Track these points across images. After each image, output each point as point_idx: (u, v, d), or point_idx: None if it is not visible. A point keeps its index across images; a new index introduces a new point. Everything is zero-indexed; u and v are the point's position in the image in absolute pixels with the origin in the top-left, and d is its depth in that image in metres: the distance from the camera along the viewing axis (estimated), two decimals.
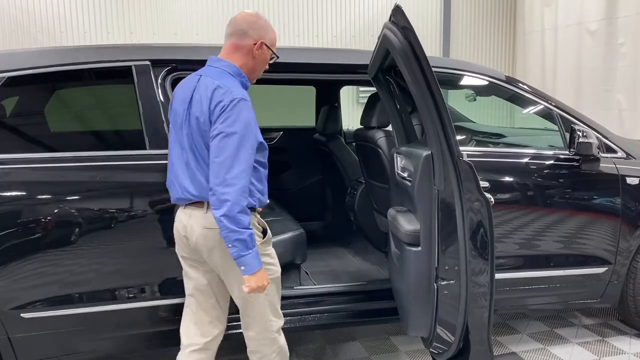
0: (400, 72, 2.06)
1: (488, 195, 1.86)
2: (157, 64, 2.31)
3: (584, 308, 3.24)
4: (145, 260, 2.19)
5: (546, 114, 2.81)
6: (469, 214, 1.88)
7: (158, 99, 2.26)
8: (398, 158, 2.31)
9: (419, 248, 2.08)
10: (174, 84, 2.35)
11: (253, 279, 1.71)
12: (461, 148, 1.92)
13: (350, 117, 5.23)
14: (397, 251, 2.26)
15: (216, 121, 1.70)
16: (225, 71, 1.81)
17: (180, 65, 2.35)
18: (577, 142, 2.49)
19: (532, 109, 2.82)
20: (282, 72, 2.47)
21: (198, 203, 1.82)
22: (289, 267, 2.68)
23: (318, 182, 4.03)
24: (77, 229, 2.08)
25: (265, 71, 1.96)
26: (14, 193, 2.07)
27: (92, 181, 2.12)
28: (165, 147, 2.03)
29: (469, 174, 1.87)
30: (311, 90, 4.10)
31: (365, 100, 3.01)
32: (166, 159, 1.96)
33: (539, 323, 3.14)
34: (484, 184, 1.96)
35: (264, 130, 4.12)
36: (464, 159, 1.89)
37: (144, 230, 2.16)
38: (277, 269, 1.96)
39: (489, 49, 7.92)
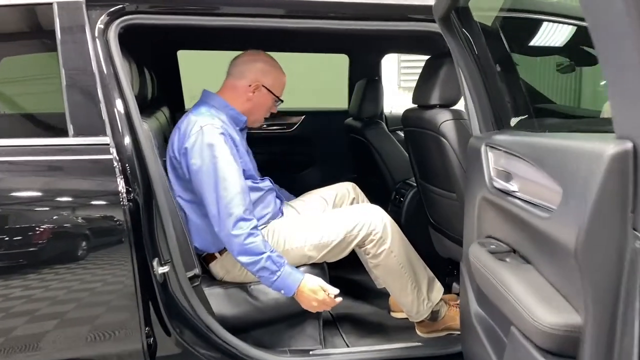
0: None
1: None
2: (94, 1, 1.45)
3: None
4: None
5: None
6: None
7: (93, 59, 1.41)
8: (491, 155, 1.30)
9: None
10: (122, 37, 1.49)
11: (302, 300, 1.61)
12: None
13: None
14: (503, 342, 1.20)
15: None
16: (209, 103, 1.76)
17: (131, 4, 1.48)
18: None
19: None
20: (275, 18, 1.59)
21: None
22: (301, 317, 1.78)
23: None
24: None
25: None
26: None
27: None
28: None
29: None
30: (344, 61, 3.17)
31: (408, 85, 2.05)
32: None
33: None
34: None
35: (281, 114, 3.40)
36: None
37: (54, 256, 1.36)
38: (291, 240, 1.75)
39: None
